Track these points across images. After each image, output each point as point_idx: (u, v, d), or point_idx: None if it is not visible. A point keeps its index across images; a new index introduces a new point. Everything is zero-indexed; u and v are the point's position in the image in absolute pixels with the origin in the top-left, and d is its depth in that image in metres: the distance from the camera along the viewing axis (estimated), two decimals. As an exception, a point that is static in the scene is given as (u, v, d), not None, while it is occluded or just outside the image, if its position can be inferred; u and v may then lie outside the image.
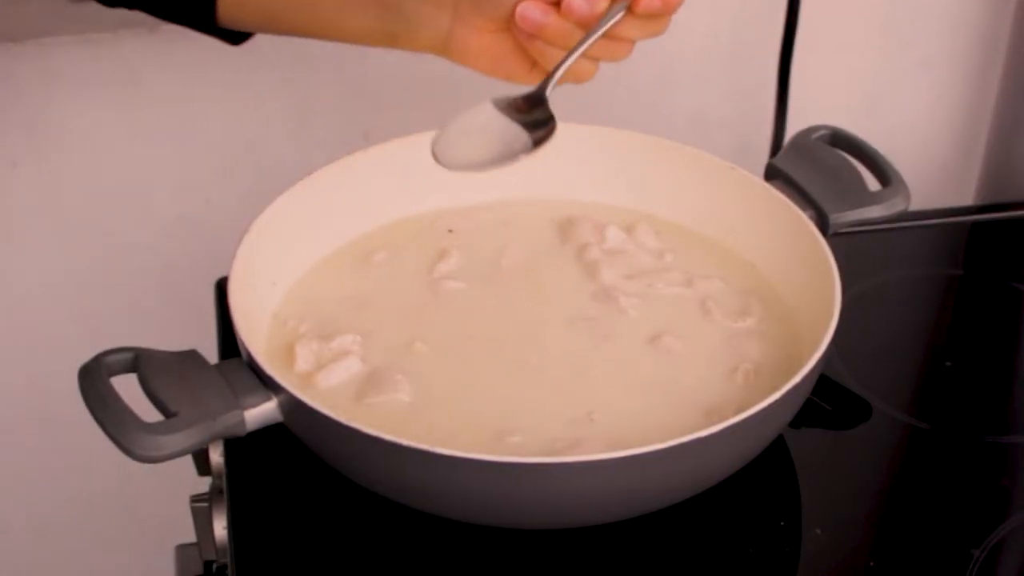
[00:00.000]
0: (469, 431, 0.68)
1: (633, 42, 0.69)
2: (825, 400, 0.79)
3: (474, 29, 0.71)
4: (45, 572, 1.24)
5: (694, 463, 0.64)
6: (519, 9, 0.68)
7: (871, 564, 0.69)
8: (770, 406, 0.63)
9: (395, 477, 0.65)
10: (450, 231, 0.84)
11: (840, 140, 0.85)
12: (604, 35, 0.68)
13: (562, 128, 0.85)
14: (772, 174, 0.83)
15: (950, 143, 1.17)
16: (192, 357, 0.67)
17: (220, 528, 0.74)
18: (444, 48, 0.72)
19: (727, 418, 0.62)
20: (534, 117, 0.69)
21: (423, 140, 0.83)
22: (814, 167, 0.82)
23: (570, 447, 0.67)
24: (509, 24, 0.70)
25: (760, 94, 1.06)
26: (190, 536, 0.83)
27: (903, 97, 1.14)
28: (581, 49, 0.68)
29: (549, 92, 0.69)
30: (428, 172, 0.84)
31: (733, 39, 1.08)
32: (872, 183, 0.83)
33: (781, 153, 0.85)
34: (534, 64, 0.71)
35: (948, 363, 0.85)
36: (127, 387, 0.65)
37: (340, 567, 0.69)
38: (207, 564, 0.84)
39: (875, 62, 1.12)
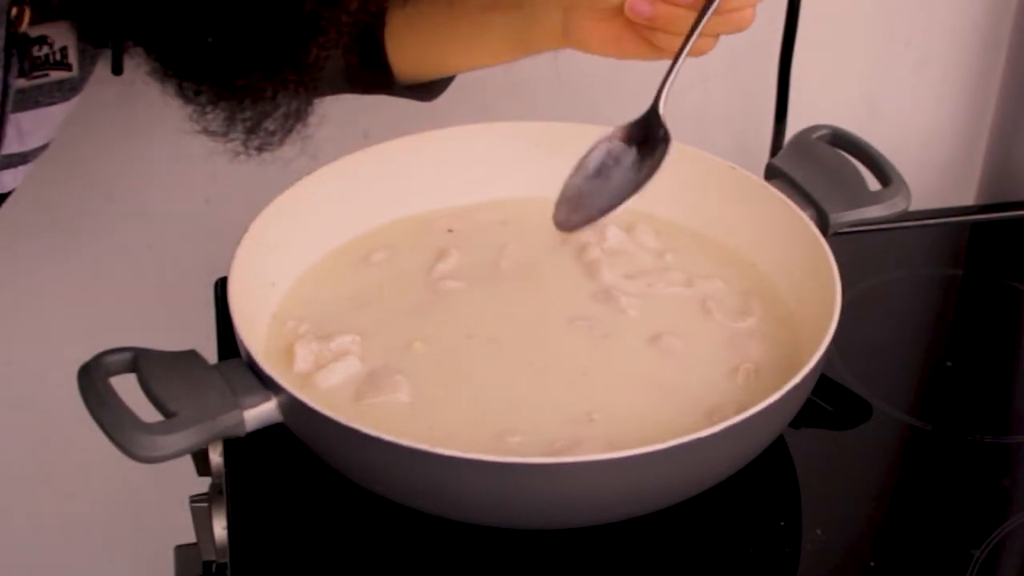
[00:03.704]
0: (469, 431, 0.68)
1: (752, 8, 0.71)
2: (825, 400, 0.78)
3: (587, 19, 0.73)
4: (45, 572, 1.24)
5: (694, 463, 0.64)
6: (628, 3, 0.71)
7: (871, 564, 0.69)
8: (771, 406, 0.63)
9: (395, 477, 0.65)
10: (450, 231, 0.83)
11: (840, 140, 0.85)
12: (716, 11, 0.69)
13: (563, 128, 0.86)
14: (772, 174, 0.83)
15: (951, 143, 1.17)
16: (191, 357, 0.67)
17: (220, 528, 0.74)
18: (566, 39, 0.75)
19: (727, 418, 0.62)
20: (649, 136, 0.70)
21: (423, 140, 0.84)
22: (814, 167, 0.82)
23: (570, 447, 0.67)
24: (621, 9, 0.71)
25: (760, 94, 1.06)
26: (190, 536, 0.83)
27: (903, 97, 1.14)
28: (685, 52, 0.69)
29: (662, 109, 0.70)
30: (428, 172, 0.85)
31: (733, 39, 1.07)
32: (872, 183, 0.83)
33: (781, 153, 0.85)
34: (654, 44, 0.73)
35: (949, 363, 0.85)
36: (126, 387, 0.65)
37: (340, 567, 0.69)
38: (206, 564, 0.84)
39: (875, 62, 1.12)
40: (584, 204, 0.70)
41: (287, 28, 0.55)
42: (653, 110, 0.71)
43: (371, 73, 0.79)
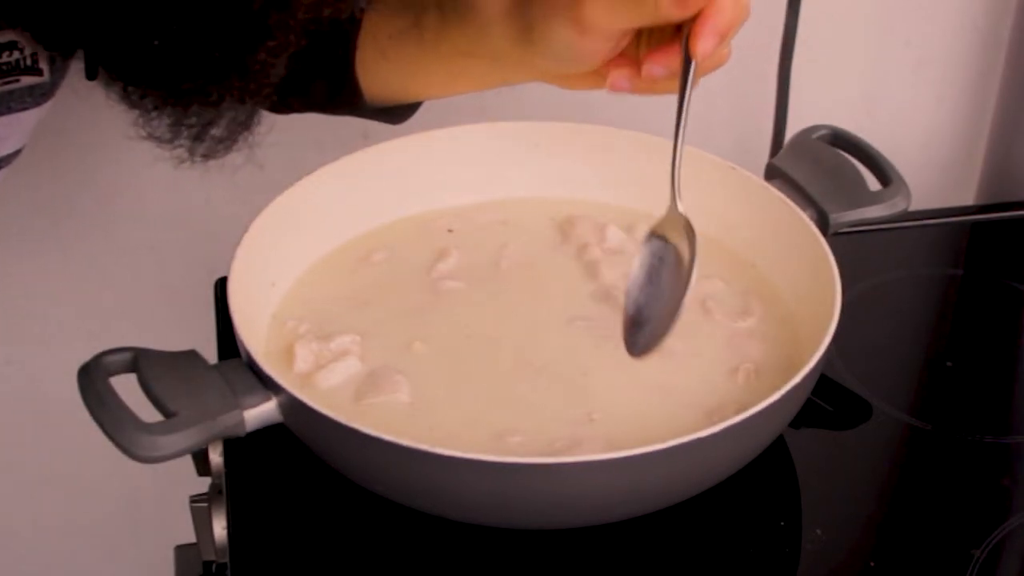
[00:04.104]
0: (469, 431, 0.68)
1: (726, 49, 0.69)
2: (825, 400, 0.78)
3: (564, 77, 0.71)
4: (45, 572, 1.24)
5: (694, 463, 0.64)
6: (609, 82, 0.69)
7: (871, 564, 0.69)
8: (770, 406, 0.63)
9: (395, 477, 0.65)
10: (450, 231, 0.83)
11: (840, 140, 0.85)
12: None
13: (563, 128, 0.86)
14: (772, 174, 0.83)
15: (951, 143, 1.17)
16: (191, 357, 0.67)
17: (219, 528, 0.74)
18: (545, 80, 0.73)
19: (728, 418, 0.62)
20: (678, 230, 0.69)
21: (423, 140, 0.84)
22: (814, 167, 0.82)
23: (570, 447, 0.67)
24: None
25: (760, 94, 1.06)
26: (190, 536, 0.83)
27: (903, 96, 1.14)
28: (680, 148, 0.69)
29: (681, 207, 0.69)
30: (428, 172, 0.85)
31: (733, 39, 1.07)
32: (872, 183, 0.83)
33: (781, 153, 0.85)
34: None
35: (949, 363, 0.85)
36: (127, 387, 0.65)
37: (340, 567, 0.69)
38: (206, 564, 0.84)
39: (875, 61, 1.12)
40: (645, 316, 0.67)
41: (234, 30, 0.54)
42: (672, 207, 0.70)
43: (339, 94, 0.78)
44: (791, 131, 0.93)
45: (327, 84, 0.77)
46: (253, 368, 0.66)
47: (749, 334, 0.75)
